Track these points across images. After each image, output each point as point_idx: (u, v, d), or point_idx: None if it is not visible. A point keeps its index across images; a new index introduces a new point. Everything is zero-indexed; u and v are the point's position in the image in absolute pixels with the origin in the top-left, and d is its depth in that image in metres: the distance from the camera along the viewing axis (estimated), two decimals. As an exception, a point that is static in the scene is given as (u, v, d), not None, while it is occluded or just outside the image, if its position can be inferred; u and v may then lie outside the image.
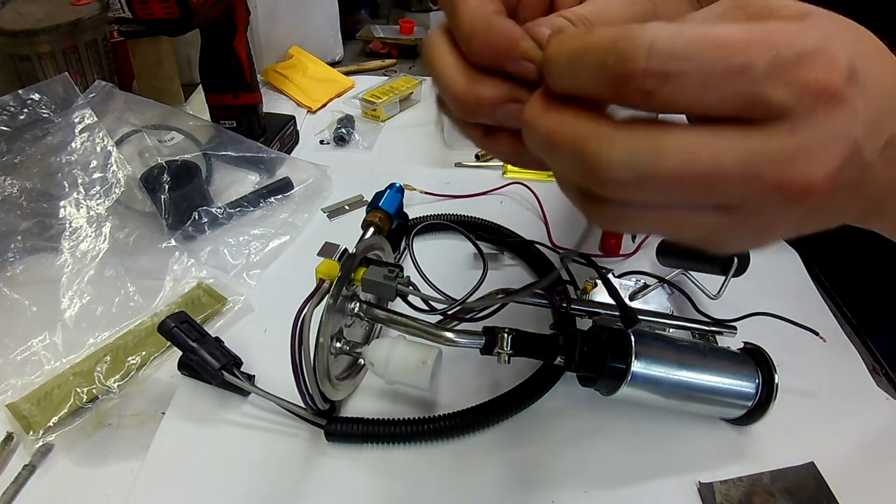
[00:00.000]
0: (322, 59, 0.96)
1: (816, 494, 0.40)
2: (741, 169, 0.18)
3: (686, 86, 0.17)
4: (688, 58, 0.17)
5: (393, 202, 0.51)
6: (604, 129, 0.19)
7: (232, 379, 0.43)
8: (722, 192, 0.19)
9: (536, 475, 0.41)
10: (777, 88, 0.18)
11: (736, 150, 0.18)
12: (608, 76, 0.18)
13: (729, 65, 0.17)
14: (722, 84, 0.18)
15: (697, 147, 0.18)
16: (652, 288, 0.49)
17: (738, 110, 0.18)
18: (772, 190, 0.19)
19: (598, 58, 0.18)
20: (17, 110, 0.57)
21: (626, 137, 0.18)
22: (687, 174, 0.18)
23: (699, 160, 0.18)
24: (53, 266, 0.53)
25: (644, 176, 0.18)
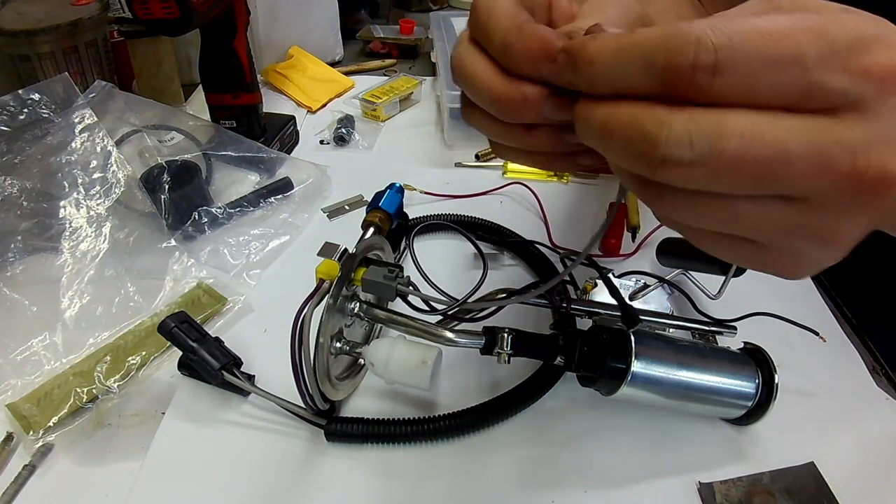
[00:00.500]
0: (322, 59, 0.96)
1: (816, 494, 0.40)
2: (810, 153, 0.17)
3: (737, 77, 0.17)
4: (735, 48, 0.17)
5: (393, 202, 0.51)
6: (662, 112, 0.18)
7: (232, 379, 0.43)
8: (789, 180, 0.18)
9: (536, 475, 0.41)
10: (834, 77, 0.17)
11: (804, 134, 0.17)
12: (657, 72, 0.18)
13: (779, 53, 0.17)
14: (774, 74, 0.17)
15: (762, 128, 0.17)
16: (652, 288, 0.49)
17: (795, 101, 0.17)
18: (844, 179, 0.18)
19: (646, 54, 0.18)
20: (17, 110, 0.57)
21: (686, 118, 0.18)
22: (751, 156, 0.17)
23: (764, 142, 0.17)
24: (53, 266, 0.53)
25: (705, 156, 0.17)
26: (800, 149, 0.17)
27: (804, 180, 0.18)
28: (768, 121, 0.17)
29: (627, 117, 0.19)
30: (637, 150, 0.18)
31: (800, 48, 0.17)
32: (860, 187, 0.18)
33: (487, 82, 0.23)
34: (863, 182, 0.18)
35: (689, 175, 0.18)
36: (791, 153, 0.17)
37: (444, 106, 0.76)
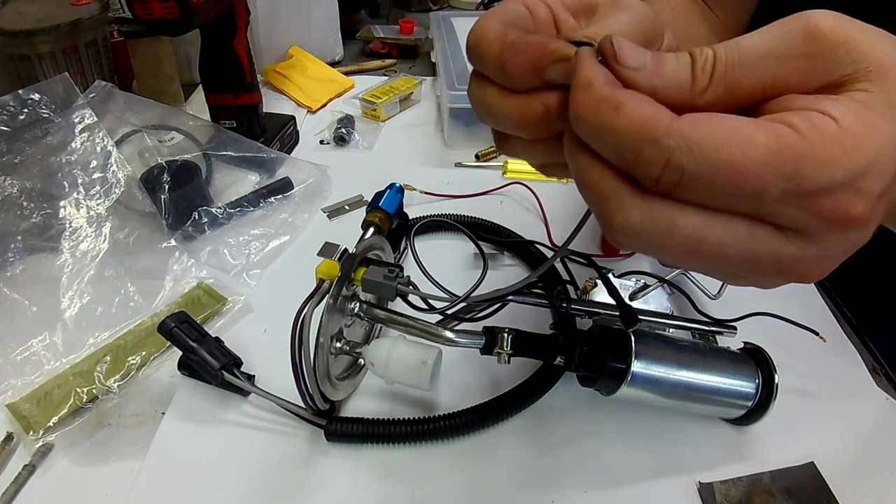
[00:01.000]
0: (322, 59, 0.96)
1: (816, 494, 0.40)
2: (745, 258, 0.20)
3: (697, 194, 0.19)
4: (701, 175, 0.18)
5: (393, 202, 0.51)
6: (624, 195, 0.20)
7: (232, 379, 0.43)
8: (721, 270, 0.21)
9: (536, 475, 0.41)
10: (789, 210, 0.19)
11: (746, 242, 0.19)
12: (625, 161, 0.19)
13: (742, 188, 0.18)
14: (732, 199, 0.19)
15: (707, 232, 0.19)
16: (652, 288, 0.49)
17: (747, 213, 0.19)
18: (770, 276, 0.21)
19: (619, 145, 0.19)
20: (17, 110, 0.57)
21: (644, 211, 0.20)
22: (693, 252, 0.20)
23: (706, 245, 0.19)
24: (53, 266, 0.53)
25: (650, 247, 0.20)
26: (738, 254, 0.20)
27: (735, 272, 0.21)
28: (716, 226, 0.19)
29: (596, 183, 0.20)
30: (598, 218, 0.21)
31: (763, 187, 0.18)
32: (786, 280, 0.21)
33: (504, 107, 0.23)
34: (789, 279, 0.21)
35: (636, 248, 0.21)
36: (728, 255, 0.20)
37: (444, 106, 0.76)
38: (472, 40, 0.23)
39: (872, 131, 0.18)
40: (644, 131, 0.18)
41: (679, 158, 0.18)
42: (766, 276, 0.21)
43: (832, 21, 0.19)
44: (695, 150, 0.18)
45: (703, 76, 0.20)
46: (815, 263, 0.20)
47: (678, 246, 0.20)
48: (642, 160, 0.18)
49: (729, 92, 0.20)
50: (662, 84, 0.20)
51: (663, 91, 0.20)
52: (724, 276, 0.23)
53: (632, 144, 0.18)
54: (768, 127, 0.18)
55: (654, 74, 0.20)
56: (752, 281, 0.22)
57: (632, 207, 0.19)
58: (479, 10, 1.19)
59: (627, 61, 0.20)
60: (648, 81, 0.20)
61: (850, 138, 0.18)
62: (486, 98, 0.24)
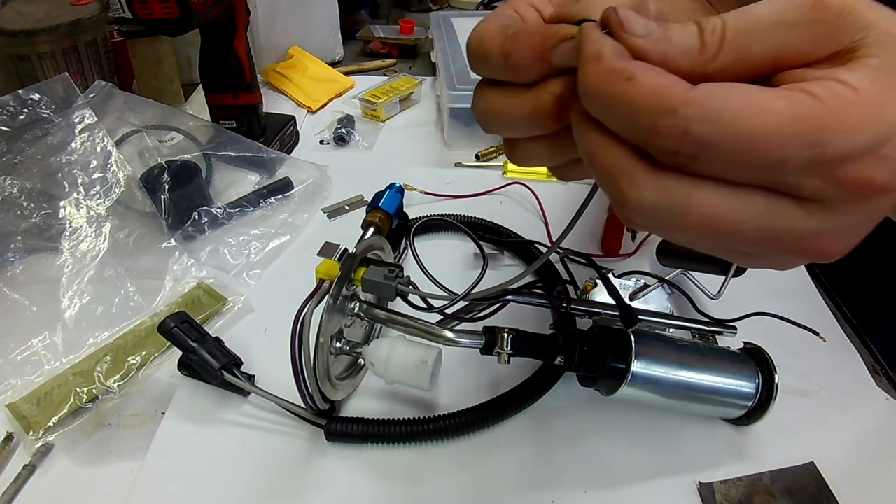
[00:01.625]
0: (322, 59, 0.96)
1: (816, 494, 0.40)
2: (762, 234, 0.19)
3: (714, 166, 0.18)
4: (720, 145, 0.17)
5: (393, 202, 0.51)
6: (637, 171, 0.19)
7: (232, 379, 0.43)
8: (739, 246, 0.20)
9: (536, 475, 0.41)
10: (811, 180, 0.18)
11: (763, 217, 0.19)
12: (640, 135, 0.18)
13: (763, 157, 0.17)
14: (752, 170, 0.18)
15: (724, 210, 0.19)
16: (652, 288, 0.49)
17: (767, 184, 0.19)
18: (787, 253, 0.20)
19: (634, 118, 0.18)
20: (17, 110, 0.57)
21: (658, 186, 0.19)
22: (707, 231, 0.19)
23: (722, 221, 0.19)
24: (53, 266, 0.53)
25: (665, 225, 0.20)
26: (755, 230, 0.19)
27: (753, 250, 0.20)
28: (734, 201, 0.19)
29: (608, 161, 0.20)
30: (611, 198, 0.20)
31: (785, 156, 0.17)
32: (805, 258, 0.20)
33: (512, 106, 0.23)
34: (807, 257, 0.20)
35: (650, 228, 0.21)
36: (746, 232, 0.19)
37: (444, 106, 0.76)
38: (474, 40, 0.23)
39: (891, 95, 0.18)
40: (659, 101, 0.17)
41: (697, 128, 0.17)
42: (785, 253, 0.20)
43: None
44: (714, 119, 0.17)
45: (712, 42, 0.19)
46: (837, 238, 0.20)
47: (695, 224, 0.19)
48: (658, 132, 0.18)
49: (739, 59, 0.19)
50: (672, 51, 0.19)
51: (673, 59, 0.19)
52: (741, 256, 0.22)
53: (647, 116, 0.18)
54: (788, 94, 0.17)
55: (661, 41, 0.19)
56: (771, 260, 0.21)
57: (646, 184, 0.19)
58: (479, 10, 1.19)
59: (634, 29, 0.19)
60: (657, 48, 0.19)
61: (870, 104, 0.17)
62: (493, 102, 0.23)
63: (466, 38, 0.24)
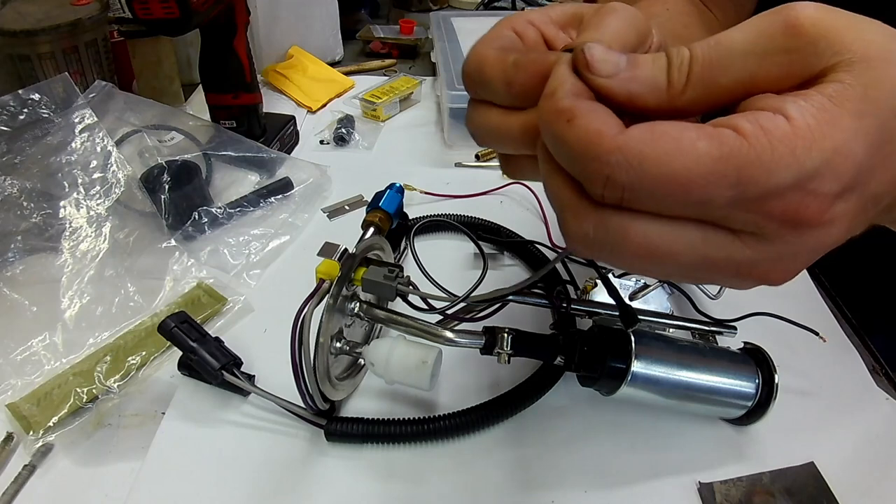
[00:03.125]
0: (322, 59, 0.96)
1: (816, 494, 0.40)
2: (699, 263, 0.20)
3: (644, 204, 0.19)
4: (644, 189, 0.18)
5: (393, 202, 0.51)
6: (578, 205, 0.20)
7: (232, 379, 0.43)
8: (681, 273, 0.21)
9: (536, 475, 0.41)
10: (739, 215, 0.18)
11: (696, 247, 0.19)
12: (577, 175, 0.20)
13: (686, 198, 0.18)
14: (680, 210, 0.19)
15: (660, 242, 0.19)
16: (652, 288, 0.49)
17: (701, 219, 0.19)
18: (729, 278, 0.21)
19: (570, 157, 0.19)
20: (17, 110, 0.57)
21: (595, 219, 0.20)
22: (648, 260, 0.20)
23: (659, 253, 0.20)
24: (53, 266, 0.53)
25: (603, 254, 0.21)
26: (691, 260, 0.20)
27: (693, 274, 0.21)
28: (669, 232, 0.19)
29: (555, 192, 0.21)
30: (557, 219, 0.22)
31: (707, 196, 0.18)
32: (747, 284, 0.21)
33: (509, 125, 0.24)
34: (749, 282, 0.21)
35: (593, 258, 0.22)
36: (683, 262, 0.20)
37: (444, 106, 0.76)
38: (472, 66, 0.24)
39: (830, 129, 0.17)
40: (588, 147, 0.18)
41: (619, 175, 0.18)
42: (726, 278, 0.21)
43: (813, 12, 0.18)
44: (634, 165, 0.18)
45: (679, 78, 0.19)
46: (775, 266, 0.20)
47: (631, 254, 0.20)
48: (587, 176, 0.19)
49: (707, 92, 0.19)
50: (638, 89, 0.20)
51: (639, 97, 0.20)
52: (686, 279, 0.23)
53: (578, 159, 0.19)
54: (712, 134, 0.18)
55: (628, 80, 0.20)
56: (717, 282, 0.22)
57: (585, 218, 0.20)
58: (479, 10, 1.19)
59: (599, 70, 0.20)
60: (624, 87, 0.20)
61: (800, 138, 0.17)
62: (490, 121, 0.24)
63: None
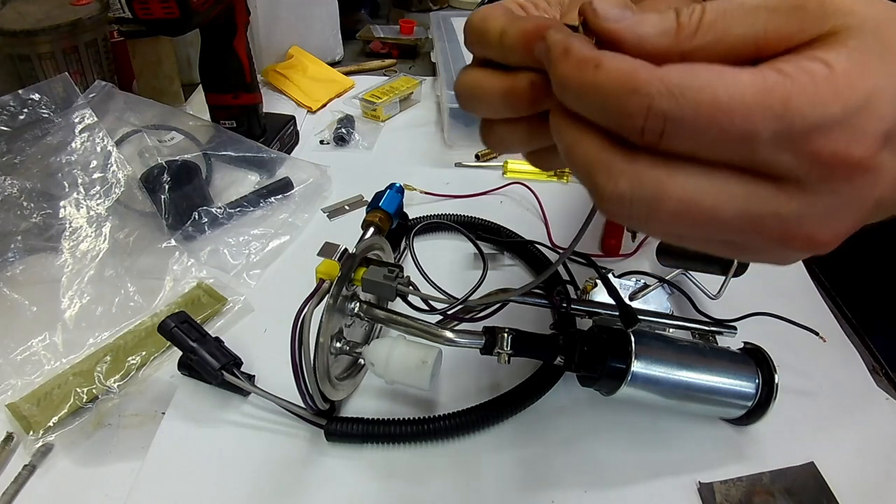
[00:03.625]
0: (322, 59, 0.96)
1: (816, 494, 0.40)
2: (743, 219, 0.19)
3: (683, 143, 0.18)
4: (685, 122, 0.17)
5: (393, 202, 0.51)
6: (611, 159, 0.19)
7: (232, 379, 0.43)
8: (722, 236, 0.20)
9: (536, 475, 0.41)
10: (783, 156, 0.18)
11: (742, 201, 0.18)
12: (610, 119, 0.19)
13: (730, 131, 0.17)
14: (722, 146, 0.18)
15: (701, 195, 0.18)
16: (652, 288, 0.49)
17: (741, 165, 0.18)
18: (774, 241, 0.19)
19: (602, 102, 0.18)
20: (17, 110, 0.57)
21: (631, 173, 0.19)
22: (684, 219, 0.19)
23: (700, 208, 0.18)
24: (53, 266, 0.53)
25: (641, 214, 0.19)
26: (735, 215, 0.19)
27: (737, 238, 0.20)
28: (709, 185, 0.18)
29: (581, 154, 0.20)
30: (586, 187, 0.20)
31: (752, 128, 0.17)
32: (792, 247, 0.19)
33: (491, 84, 0.24)
34: (792, 246, 0.19)
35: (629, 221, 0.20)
36: (726, 219, 0.19)
37: (444, 106, 0.76)
38: (477, 17, 0.24)
39: (867, 71, 0.17)
40: (625, 82, 0.18)
41: (660, 104, 0.17)
42: (770, 241, 0.19)
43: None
44: (676, 93, 0.17)
45: (689, 24, 0.19)
46: (823, 223, 0.19)
47: (670, 212, 0.19)
48: (625, 112, 0.18)
49: (718, 39, 0.19)
50: (647, 31, 0.19)
51: (648, 40, 0.19)
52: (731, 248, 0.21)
53: (615, 97, 0.18)
54: (754, 70, 0.18)
55: (637, 24, 0.19)
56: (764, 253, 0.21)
57: (621, 175, 0.19)
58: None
59: (608, 15, 0.19)
60: (633, 31, 0.19)
61: (842, 78, 0.17)
62: (474, 79, 0.24)
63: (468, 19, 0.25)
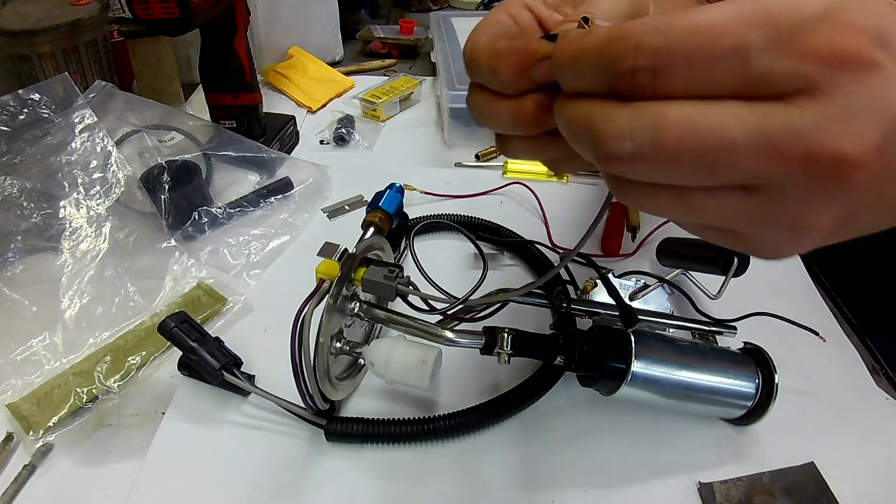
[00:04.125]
0: (322, 59, 0.96)
1: (816, 494, 0.40)
2: (755, 139, 0.17)
3: (678, 76, 0.18)
4: (673, 49, 0.17)
5: (393, 202, 0.51)
6: (609, 108, 0.19)
7: (232, 379, 0.43)
8: (737, 168, 0.17)
9: (536, 475, 0.41)
10: (779, 63, 0.17)
11: (749, 119, 0.17)
12: (604, 75, 0.19)
13: (718, 49, 0.17)
14: (715, 69, 0.17)
15: (701, 116, 0.17)
16: (652, 288, 0.49)
17: (741, 90, 0.17)
18: (797, 164, 0.17)
19: (593, 60, 0.19)
20: (17, 110, 0.57)
21: (629, 112, 0.18)
22: (691, 144, 0.17)
23: (703, 129, 0.17)
24: (53, 266, 0.53)
25: (646, 147, 0.18)
26: (744, 135, 0.17)
27: (753, 167, 0.17)
28: (710, 109, 0.17)
29: (581, 115, 0.20)
30: (588, 146, 0.19)
31: (740, 41, 0.17)
32: (820, 171, 0.17)
33: (499, 109, 0.24)
34: (819, 167, 0.17)
35: (634, 168, 0.19)
36: (734, 139, 0.17)
37: (444, 106, 0.76)
38: (467, 52, 0.25)
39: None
40: (612, 34, 0.18)
41: (648, 40, 0.17)
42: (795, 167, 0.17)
43: None
44: (662, 29, 0.17)
45: None
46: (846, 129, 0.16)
47: (673, 140, 0.17)
48: (616, 59, 0.18)
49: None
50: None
51: None
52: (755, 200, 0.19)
53: (604, 48, 0.18)
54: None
55: None
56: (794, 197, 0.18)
57: (618, 114, 0.18)
58: (479, 10, 1.19)
59: None
60: None
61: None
62: (483, 102, 0.25)
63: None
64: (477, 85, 0.25)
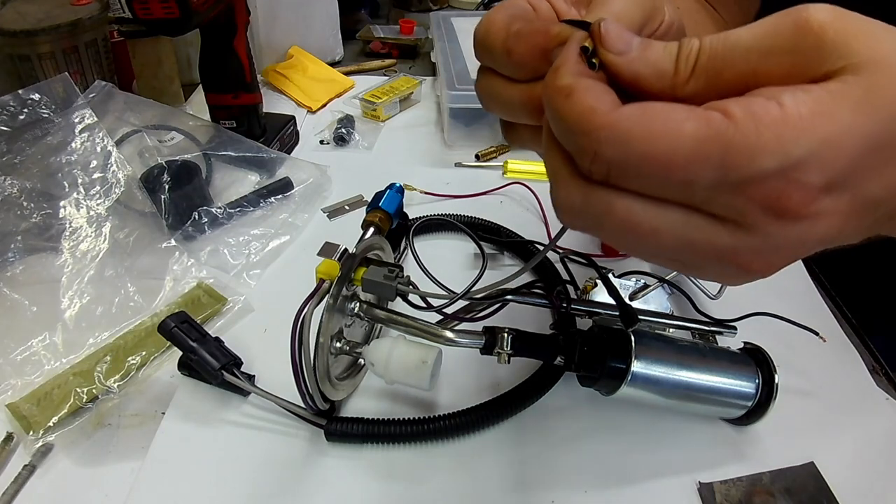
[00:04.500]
0: (322, 59, 0.96)
1: (816, 494, 0.40)
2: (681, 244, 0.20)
3: (629, 183, 0.19)
4: (629, 167, 0.19)
5: (393, 202, 0.51)
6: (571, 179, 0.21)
7: (232, 379, 0.43)
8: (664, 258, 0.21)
9: (536, 475, 0.41)
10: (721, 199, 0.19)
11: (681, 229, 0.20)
12: (570, 149, 0.20)
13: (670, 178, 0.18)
14: (662, 189, 0.19)
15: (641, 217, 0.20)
16: (652, 288, 0.49)
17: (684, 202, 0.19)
18: (712, 265, 0.21)
19: (563, 131, 0.20)
20: (17, 110, 0.57)
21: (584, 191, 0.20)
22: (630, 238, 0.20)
23: (640, 228, 0.20)
24: (53, 266, 0.53)
25: (589, 229, 0.21)
26: (672, 240, 0.20)
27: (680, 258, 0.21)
28: (652, 212, 0.20)
29: (550, 162, 0.22)
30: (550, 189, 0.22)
31: (691, 178, 0.18)
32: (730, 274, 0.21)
33: (511, 93, 0.24)
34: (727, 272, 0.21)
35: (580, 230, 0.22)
36: (664, 242, 0.20)
37: (444, 106, 0.76)
38: (480, 31, 0.24)
39: (822, 120, 0.17)
40: (579, 122, 0.19)
41: (606, 151, 0.18)
42: (709, 264, 0.21)
43: (825, 15, 0.18)
44: (622, 142, 0.18)
45: (685, 67, 0.20)
46: (756, 256, 0.20)
47: (614, 228, 0.20)
48: (577, 150, 0.19)
49: (710, 83, 0.20)
50: (644, 71, 0.20)
51: (645, 78, 0.20)
52: (671, 263, 0.23)
53: (571, 133, 0.19)
54: (700, 115, 0.18)
55: (636, 61, 0.20)
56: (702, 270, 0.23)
57: (574, 189, 0.20)
58: (479, 9, 1.19)
59: (612, 45, 0.20)
60: (630, 68, 0.20)
61: (789, 126, 0.17)
62: (493, 87, 0.25)
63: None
64: (487, 69, 0.25)
